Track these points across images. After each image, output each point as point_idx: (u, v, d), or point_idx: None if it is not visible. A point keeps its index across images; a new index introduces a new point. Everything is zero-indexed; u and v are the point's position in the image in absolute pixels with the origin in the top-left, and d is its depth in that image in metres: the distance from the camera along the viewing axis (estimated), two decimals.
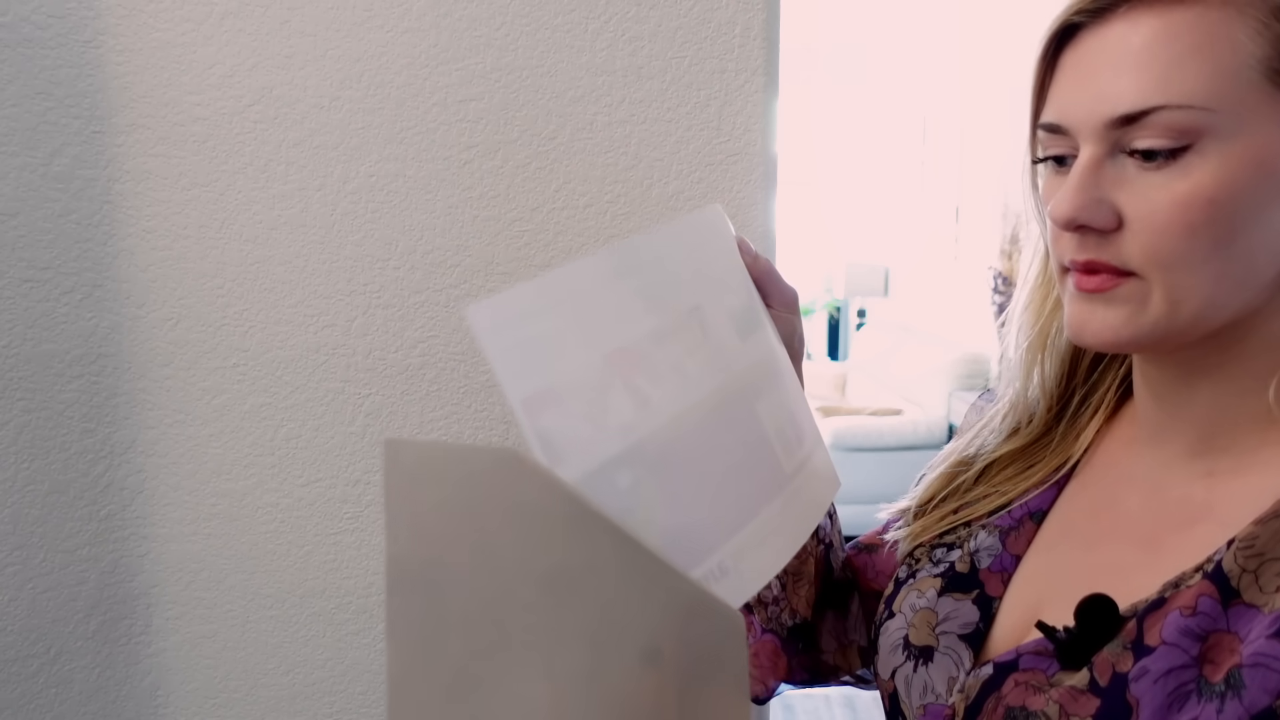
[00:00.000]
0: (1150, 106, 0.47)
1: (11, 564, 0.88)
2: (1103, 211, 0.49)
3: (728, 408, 0.54)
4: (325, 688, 0.93)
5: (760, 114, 0.86)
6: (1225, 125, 0.46)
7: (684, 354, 0.53)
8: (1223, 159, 0.46)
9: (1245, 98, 0.46)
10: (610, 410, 0.50)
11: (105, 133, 0.85)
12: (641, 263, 0.54)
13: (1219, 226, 0.47)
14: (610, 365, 0.50)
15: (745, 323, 0.58)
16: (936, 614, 0.60)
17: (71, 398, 0.87)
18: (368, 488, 0.91)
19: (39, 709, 0.90)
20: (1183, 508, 0.54)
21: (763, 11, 0.85)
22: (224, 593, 0.92)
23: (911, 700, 0.59)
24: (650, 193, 0.87)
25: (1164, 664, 0.46)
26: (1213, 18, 0.46)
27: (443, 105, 0.86)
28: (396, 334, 0.89)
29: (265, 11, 0.85)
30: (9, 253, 0.85)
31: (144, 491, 0.90)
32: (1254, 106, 0.46)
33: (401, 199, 0.87)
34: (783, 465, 0.57)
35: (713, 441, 0.53)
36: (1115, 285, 0.50)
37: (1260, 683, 0.43)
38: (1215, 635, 0.46)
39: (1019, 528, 0.61)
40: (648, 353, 0.52)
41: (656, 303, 0.53)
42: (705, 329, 0.55)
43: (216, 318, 0.88)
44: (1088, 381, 0.63)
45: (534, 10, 0.85)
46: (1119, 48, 0.48)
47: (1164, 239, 0.48)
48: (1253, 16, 0.46)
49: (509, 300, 0.48)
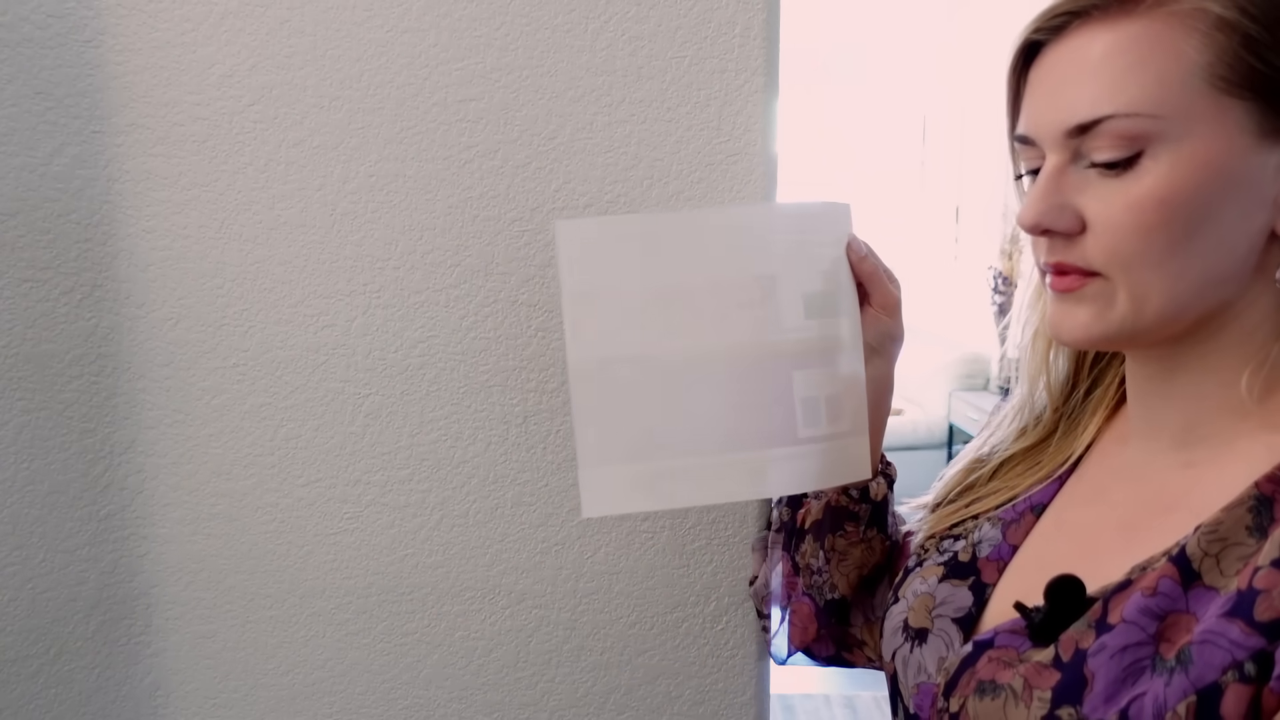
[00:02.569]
0: (1102, 115, 0.50)
1: (11, 564, 0.88)
2: (1065, 216, 0.53)
3: (766, 361, 0.66)
4: (325, 688, 0.93)
5: (760, 114, 0.86)
6: (1173, 130, 0.49)
7: (735, 306, 0.66)
8: (1172, 162, 0.49)
9: (1191, 104, 0.49)
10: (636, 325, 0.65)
11: (105, 133, 0.85)
12: (741, 226, 0.67)
13: (1173, 226, 0.50)
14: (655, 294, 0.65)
15: (817, 307, 0.68)
16: (934, 599, 0.63)
17: (71, 398, 0.87)
18: (368, 488, 0.91)
19: (39, 709, 0.90)
20: (1161, 497, 0.56)
21: (763, 11, 0.85)
22: (224, 593, 0.92)
23: (908, 680, 0.62)
24: (650, 193, 0.87)
25: (1121, 640, 0.49)
26: (1158, 30, 0.49)
27: (443, 105, 0.86)
28: (396, 334, 0.89)
29: (265, 11, 0.85)
30: (9, 253, 0.85)
31: (144, 491, 0.90)
32: (1200, 112, 0.49)
33: (401, 199, 0.87)
34: (798, 430, 0.67)
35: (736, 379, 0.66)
36: (1083, 285, 0.54)
37: (1207, 658, 0.45)
38: (1174, 615, 0.49)
39: (1020, 520, 0.64)
40: (696, 295, 0.66)
41: (732, 262, 0.66)
42: (769, 295, 0.66)
43: (216, 318, 0.88)
44: (1090, 381, 0.65)
45: (534, 10, 0.85)
46: (1075, 61, 0.52)
47: (1122, 239, 0.51)
48: (1196, 29, 0.49)
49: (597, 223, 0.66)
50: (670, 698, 0.94)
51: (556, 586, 0.93)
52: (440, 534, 0.92)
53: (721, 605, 0.93)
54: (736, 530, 0.92)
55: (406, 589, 0.92)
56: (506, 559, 0.92)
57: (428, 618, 0.93)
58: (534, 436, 0.90)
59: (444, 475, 0.91)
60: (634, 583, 0.93)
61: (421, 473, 0.91)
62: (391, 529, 0.91)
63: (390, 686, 0.93)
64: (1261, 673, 0.44)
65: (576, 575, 0.92)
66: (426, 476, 0.91)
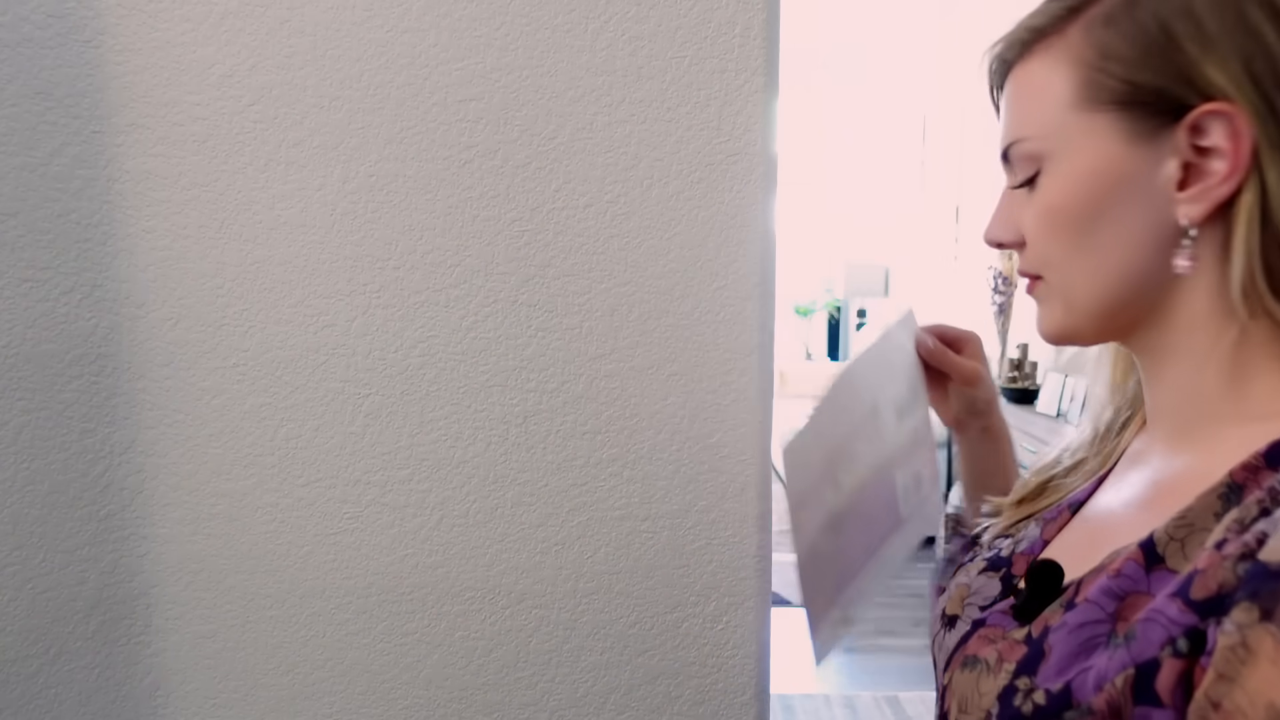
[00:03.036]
0: (1009, 142, 0.60)
1: (11, 564, 0.88)
2: (1010, 230, 0.62)
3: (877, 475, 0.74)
4: (325, 688, 0.93)
5: (760, 114, 0.86)
6: (1056, 148, 0.58)
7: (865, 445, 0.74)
8: (1060, 175, 0.58)
9: (1064, 124, 0.57)
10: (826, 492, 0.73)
11: (105, 133, 0.85)
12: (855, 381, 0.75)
13: (1072, 227, 0.58)
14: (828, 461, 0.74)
15: (903, 406, 0.76)
16: (970, 589, 0.67)
17: (71, 398, 0.87)
18: (368, 488, 0.91)
19: (39, 709, 0.90)
20: (1157, 485, 0.59)
21: (763, 11, 0.85)
22: (224, 593, 0.92)
23: (939, 662, 0.67)
24: (650, 193, 0.87)
25: (1080, 618, 0.53)
26: (1037, 66, 0.59)
27: (443, 105, 0.86)
28: (396, 334, 0.89)
29: (265, 11, 0.85)
30: (9, 253, 0.85)
31: (144, 491, 0.90)
32: (1073, 129, 0.57)
33: (401, 199, 0.87)
34: (900, 511, 0.75)
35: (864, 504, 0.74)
36: (1034, 287, 0.62)
37: (1148, 635, 0.48)
38: (1134, 596, 0.52)
39: (1057, 518, 0.68)
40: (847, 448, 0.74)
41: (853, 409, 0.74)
42: (878, 422, 0.75)
43: (216, 318, 0.88)
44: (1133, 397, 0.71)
45: (534, 10, 0.85)
46: (1004, 100, 0.62)
47: (1040, 244, 0.60)
48: (1061, 61, 0.58)
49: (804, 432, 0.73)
50: (670, 698, 0.94)
51: (556, 586, 0.93)
52: (440, 534, 0.92)
53: (721, 605, 0.93)
54: (736, 530, 0.92)
55: (406, 589, 0.92)
56: (506, 559, 0.92)
57: (428, 618, 0.93)
58: (534, 436, 0.90)
59: (444, 475, 0.91)
60: (634, 583, 0.93)
61: (421, 473, 0.91)
62: (391, 529, 0.91)
63: (390, 686, 0.93)
64: (1194, 649, 0.47)
65: (576, 575, 0.92)
66: (426, 476, 0.91)
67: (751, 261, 0.89)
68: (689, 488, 0.91)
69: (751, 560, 0.92)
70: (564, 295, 0.89)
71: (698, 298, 0.89)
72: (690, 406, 0.90)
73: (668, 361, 0.90)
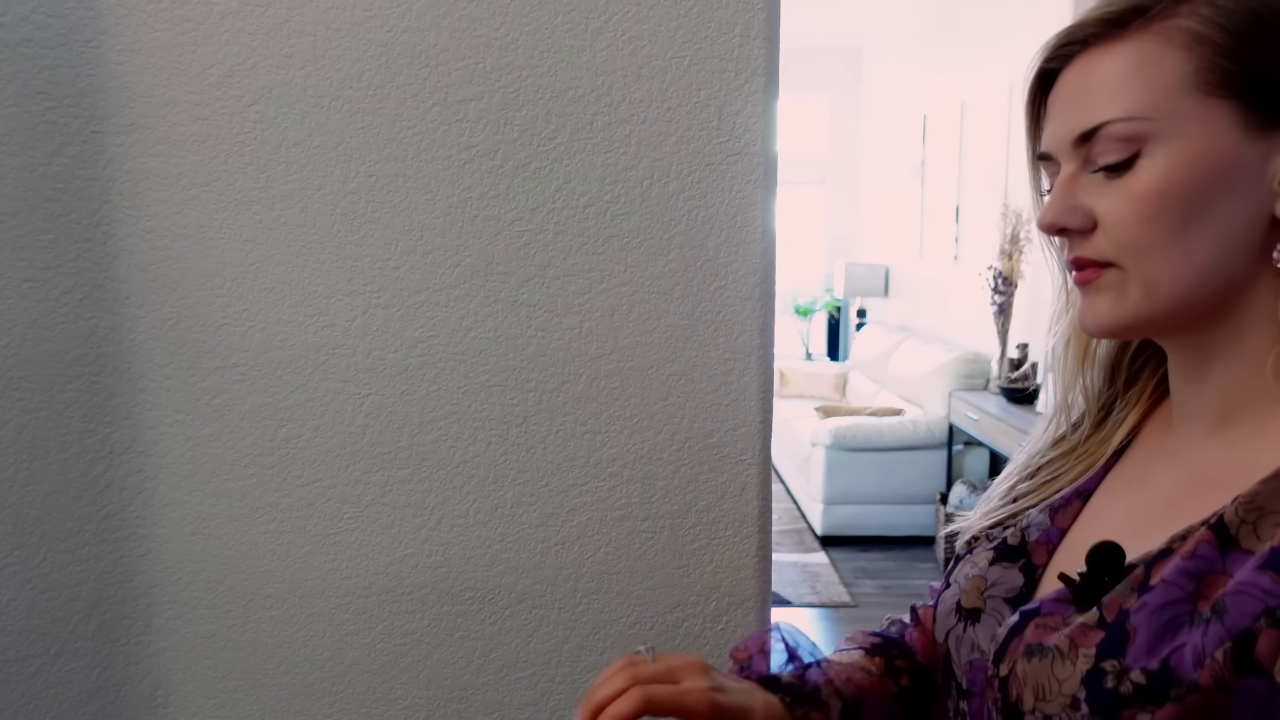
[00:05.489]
0: (1101, 122, 0.57)
1: (11, 564, 0.88)
2: (1078, 216, 0.59)
3: None
4: (325, 688, 0.93)
5: (760, 114, 0.86)
6: (1164, 130, 0.56)
7: None
8: (1166, 159, 0.56)
9: (1178, 107, 0.56)
10: None
11: (104, 132, 0.85)
12: None
13: (1172, 214, 0.56)
14: None
15: None
16: (986, 580, 0.67)
17: (71, 398, 0.87)
18: (368, 488, 0.91)
19: (39, 709, 0.90)
20: (1202, 476, 0.60)
21: (763, 11, 0.85)
22: (224, 593, 0.92)
23: (960, 658, 0.66)
24: (650, 192, 0.87)
25: (1160, 598, 0.53)
26: (1145, 46, 0.57)
27: (443, 105, 0.86)
28: (396, 334, 0.89)
29: (265, 11, 0.85)
30: (9, 253, 0.85)
31: (144, 491, 0.90)
32: (1187, 113, 0.56)
33: (401, 199, 0.87)
34: None
35: None
36: (1098, 275, 0.59)
37: (1240, 606, 0.50)
38: (1211, 576, 0.53)
39: (1067, 506, 0.68)
40: None
41: None
42: None
43: (216, 318, 0.88)
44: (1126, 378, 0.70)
45: (534, 10, 0.85)
46: (1080, 82, 0.60)
47: (1127, 230, 0.57)
48: (1177, 42, 0.56)
49: None
50: None
51: (556, 586, 0.93)
52: (440, 534, 0.92)
53: (721, 605, 0.93)
54: (736, 530, 0.92)
55: (406, 589, 0.92)
56: (506, 559, 0.92)
57: (428, 618, 0.93)
58: (534, 436, 0.90)
59: (444, 475, 0.91)
60: (634, 583, 0.93)
61: (421, 473, 0.91)
62: (391, 529, 0.91)
63: (390, 686, 0.93)
64: None
65: (576, 575, 0.92)
66: (426, 476, 0.91)
67: (751, 261, 0.89)
68: (689, 488, 0.91)
69: (751, 560, 0.92)
70: (564, 295, 0.89)
71: (698, 298, 0.89)
72: (690, 406, 0.90)
73: (668, 361, 0.90)
